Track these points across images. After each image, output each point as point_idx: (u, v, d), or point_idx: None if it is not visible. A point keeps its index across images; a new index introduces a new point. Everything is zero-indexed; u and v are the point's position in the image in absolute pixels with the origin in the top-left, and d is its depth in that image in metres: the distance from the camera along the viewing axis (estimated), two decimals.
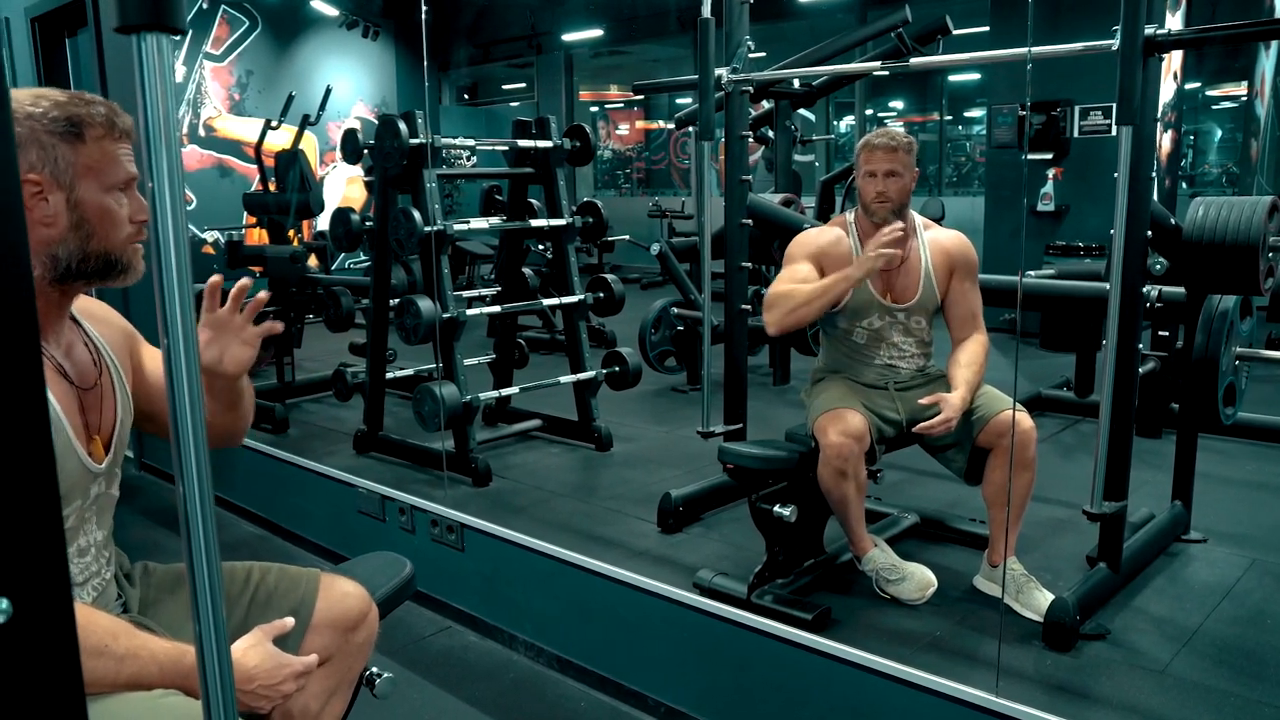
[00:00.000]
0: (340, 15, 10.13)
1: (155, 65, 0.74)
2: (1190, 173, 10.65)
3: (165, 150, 0.76)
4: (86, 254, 1.26)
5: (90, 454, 1.34)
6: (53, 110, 1.23)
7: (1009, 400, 2.62)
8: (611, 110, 14.38)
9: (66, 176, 1.23)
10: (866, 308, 2.75)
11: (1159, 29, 2.33)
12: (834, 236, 2.80)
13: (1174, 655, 2.37)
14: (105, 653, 1.18)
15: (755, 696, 2.37)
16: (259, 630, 1.35)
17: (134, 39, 0.73)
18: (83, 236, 1.26)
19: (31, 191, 1.21)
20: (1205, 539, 3.07)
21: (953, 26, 5.12)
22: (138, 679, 1.21)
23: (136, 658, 1.21)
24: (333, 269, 7.00)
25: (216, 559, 0.82)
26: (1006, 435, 2.54)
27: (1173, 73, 7.00)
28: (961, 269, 2.77)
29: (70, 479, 1.29)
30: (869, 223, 2.75)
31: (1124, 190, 2.36)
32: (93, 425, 1.36)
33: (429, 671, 2.76)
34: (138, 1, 0.73)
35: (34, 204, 1.22)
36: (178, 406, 0.79)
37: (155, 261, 0.78)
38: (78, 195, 1.25)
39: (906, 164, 2.70)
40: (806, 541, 2.77)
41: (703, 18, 3.07)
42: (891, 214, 2.71)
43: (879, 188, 2.70)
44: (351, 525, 3.43)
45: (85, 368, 1.37)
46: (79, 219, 1.25)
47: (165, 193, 0.77)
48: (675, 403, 5.12)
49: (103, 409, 1.38)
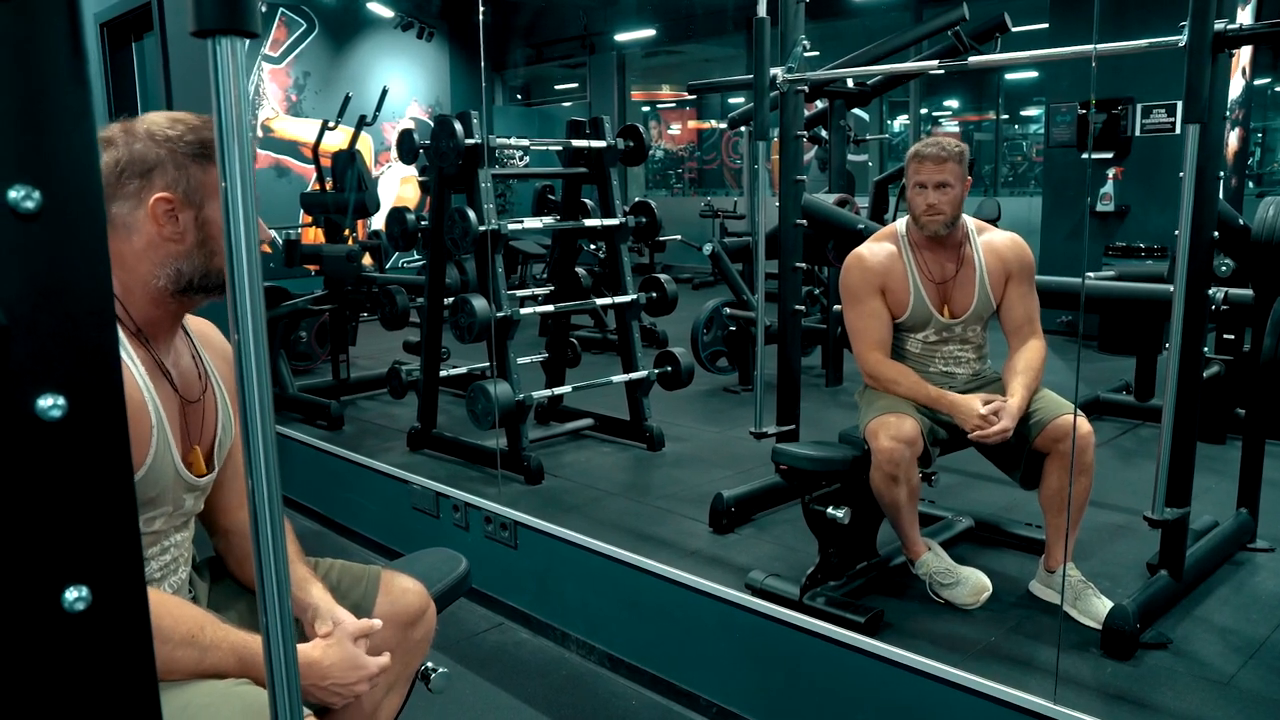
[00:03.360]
0: (396, 17, 10.26)
1: (230, 69, 0.75)
2: (1258, 171, 10.38)
3: (238, 152, 0.77)
4: (209, 270, 1.33)
5: (189, 465, 1.39)
6: (188, 134, 1.31)
7: (1067, 404, 2.58)
8: (663, 110, 14.38)
9: (197, 196, 1.30)
10: (923, 323, 2.72)
11: (1229, 24, 2.28)
12: (887, 255, 2.73)
13: (1240, 667, 2.31)
14: (193, 642, 1.23)
15: (807, 698, 2.36)
16: (341, 628, 1.39)
17: (209, 43, 0.75)
18: (207, 253, 1.32)
19: (164, 209, 1.29)
20: (1272, 548, 2.99)
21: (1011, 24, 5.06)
22: (218, 668, 1.26)
23: (219, 648, 1.25)
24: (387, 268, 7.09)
25: (284, 555, 0.84)
26: (1064, 440, 2.50)
27: (1241, 68, 6.84)
28: (1017, 273, 2.72)
29: (163, 484, 1.33)
30: (920, 234, 2.70)
31: (1190, 190, 2.31)
32: (193, 436, 1.40)
33: (482, 667, 2.79)
34: (213, 5, 0.74)
35: (165, 220, 1.29)
36: (248, 403, 0.81)
37: (229, 261, 0.80)
38: (205, 214, 1.31)
39: (958, 174, 2.63)
40: (860, 543, 2.75)
41: (758, 17, 3.06)
42: (944, 226, 2.65)
43: (930, 200, 2.63)
44: (406, 522, 3.47)
45: (191, 380, 1.42)
46: (204, 236, 1.32)
47: (238, 194, 0.79)
48: (727, 403, 5.11)
49: (204, 423, 1.43)
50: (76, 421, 0.63)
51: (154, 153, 1.28)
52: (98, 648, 0.66)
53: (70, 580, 0.64)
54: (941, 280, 2.69)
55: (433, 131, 3.93)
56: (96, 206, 0.65)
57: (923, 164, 2.63)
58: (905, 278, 2.70)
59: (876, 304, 2.70)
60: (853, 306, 2.74)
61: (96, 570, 0.66)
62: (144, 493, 1.30)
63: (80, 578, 0.65)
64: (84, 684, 0.66)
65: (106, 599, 0.66)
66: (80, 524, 0.65)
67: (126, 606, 0.68)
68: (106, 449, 0.65)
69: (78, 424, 0.63)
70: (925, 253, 2.71)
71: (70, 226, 0.61)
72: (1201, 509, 3.07)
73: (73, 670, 0.65)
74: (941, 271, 2.70)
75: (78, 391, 0.63)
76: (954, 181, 2.62)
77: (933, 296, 2.70)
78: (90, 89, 0.67)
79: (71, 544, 0.64)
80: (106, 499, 0.66)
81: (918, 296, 2.70)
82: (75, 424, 0.63)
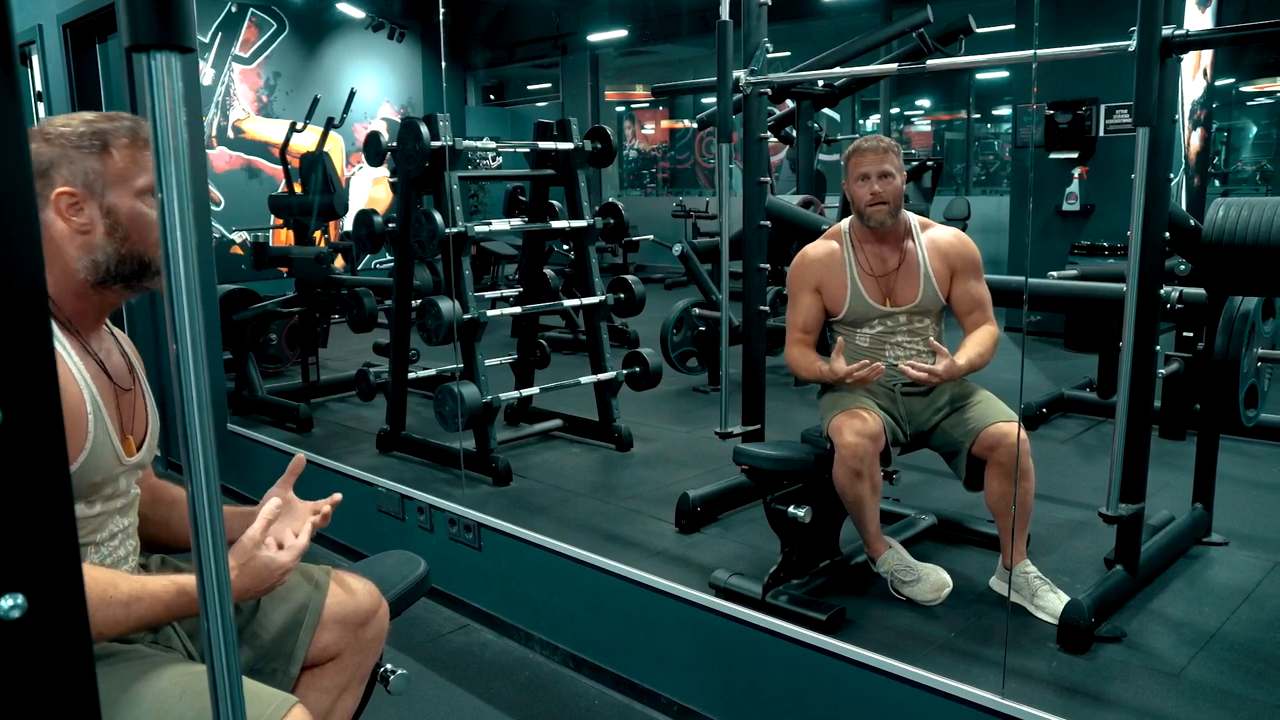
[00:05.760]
0: (367, 17, 10.22)
1: (165, 84, 0.76)
2: (1223, 170, 10.51)
3: (174, 166, 0.78)
4: (123, 256, 1.35)
5: (124, 449, 1.41)
6: (80, 127, 1.34)
7: (1005, 411, 2.64)
8: (637, 110, 14.39)
9: (98, 186, 1.33)
10: (864, 316, 2.77)
11: (1177, 30, 2.32)
12: (827, 252, 2.83)
13: (1190, 659, 2.36)
14: (110, 601, 1.23)
15: (767, 696, 2.38)
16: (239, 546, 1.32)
17: (144, 58, 0.76)
18: (118, 240, 1.35)
19: (68, 203, 1.32)
20: (1226, 542, 3.05)
21: (975, 25, 5.12)
22: (146, 619, 1.26)
23: (140, 600, 1.25)
24: (359, 269, 7.07)
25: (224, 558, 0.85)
26: (997, 448, 2.56)
27: (1203, 70, 6.94)
28: (962, 268, 2.77)
29: (106, 469, 1.35)
30: (864, 229, 2.77)
31: (1141, 191, 2.35)
32: (126, 425, 1.42)
33: (446, 668, 2.80)
34: (147, 21, 0.75)
35: (71, 213, 1.32)
36: (186, 410, 0.82)
37: (166, 270, 0.80)
38: (109, 202, 1.34)
39: (897, 165, 2.72)
40: (822, 542, 2.78)
41: (721, 19, 3.09)
42: (889, 216, 2.71)
43: (874, 188, 2.70)
44: (372, 524, 3.48)
45: (122, 372, 1.45)
46: (113, 224, 1.34)
47: (175, 204, 0.79)
48: (697, 403, 5.13)
49: (135, 413, 1.46)
50: (11, 432, 0.64)
51: (48, 151, 1.31)
52: (34, 654, 0.68)
53: (5, 589, 0.65)
54: (883, 274, 2.76)
55: (399, 134, 3.93)
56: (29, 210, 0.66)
57: (864, 156, 2.72)
58: (843, 273, 2.78)
59: (807, 299, 2.82)
60: (791, 298, 2.87)
61: (32, 578, 0.67)
62: (86, 478, 1.32)
63: (15, 586, 0.66)
64: (20, 690, 0.67)
65: (42, 606, 0.67)
66: (15, 533, 0.66)
67: (63, 613, 0.69)
68: (42, 458, 0.67)
69: (12, 434, 0.64)
70: (867, 247, 2.79)
71: None
72: (1160, 504, 3.13)
73: (8, 677, 0.66)
74: (883, 265, 2.77)
75: (12, 403, 0.64)
76: (895, 172, 2.71)
77: (873, 290, 2.76)
78: (21, 99, 0.68)
79: (6, 553, 0.65)
80: (42, 507, 0.67)
81: (855, 291, 2.76)
82: (10, 434, 0.64)
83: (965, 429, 2.64)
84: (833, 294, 2.79)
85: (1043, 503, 2.70)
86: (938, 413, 2.73)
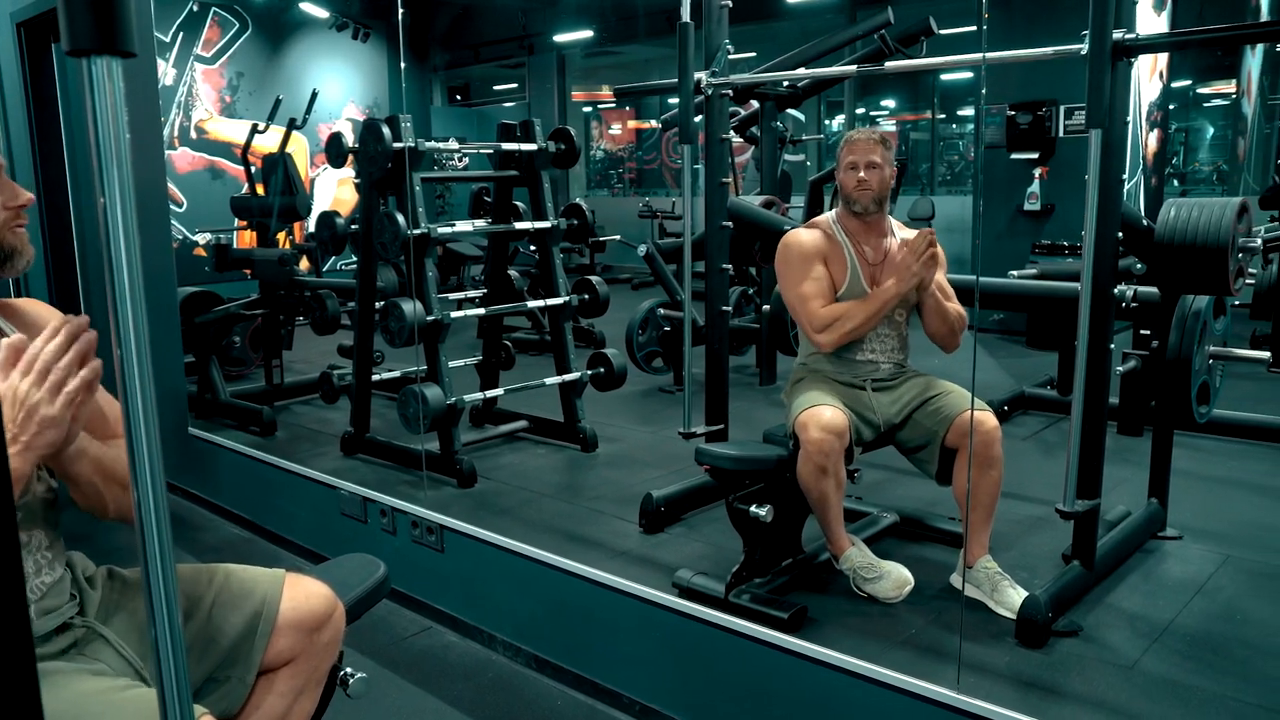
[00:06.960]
0: (330, 17, 10.15)
1: (106, 88, 0.76)
2: (1181, 170, 10.69)
3: (116, 173, 0.78)
4: None
5: None
6: None
7: (975, 401, 2.67)
8: (604, 110, 14.40)
9: None
10: (858, 298, 2.80)
11: (1127, 33, 2.36)
12: (823, 235, 2.85)
13: (1144, 651, 2.40)
14: None
15: (729, 695, 2.40)
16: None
17: (84, 62, 0.75)
18: None
19: None
20: (1180, 536, 3.10)
21: (937, 27, 5.17)
22: None
23: None
24: (325, 271, 7.02)
25: (171, 567, 0.85)
26: (970, 435, 2.58)
27: (1159, 72, 7.05)
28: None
29: None
30: (853, 218, 2.82)
31: (1094, 192, 2.40)
32: None
33: (409, 671, 2.79)
34: (87, 25, 0.75)
35: None
36: (132, 415, 0.82)
37: (109, 277, 0.80)
38: None
39: (886, 158, 2.78)
40: (784, 541, 2.80)
41: (682, 21, 3.10)
42: (873, 203, 2.78)
43: (861, 175, 2.76)
44: (335, 527, 3.46)
45: None
46: None
47: (117, 210, 0.79)
48: (662, 403, 5.15)
49: None
50: None
51: None
52: None
53: None
54: (874, 262, 2.82)
55: (361, 136, 3.91)
56: None
57: (855, 145, 2.79)
58: (844, 254, 2.82)
59: (820, 269, 2.80)
60: (795, 275, 2.80)
61: None
62: None
63: None
64: None
65: None
66: None
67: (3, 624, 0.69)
68: None
69: None
70: (859, 236, 2.84)
71: None
72: (1117, 499, 3.18)
73: None
74: (874, 253, 2.83)
75: None
76: (883, 163, 2.77)
77: (866, 276, 2.81)
78: None
79: None
80: None
81: (854, 272, 2.80)
82: None
83: (938, 418, 2.68)
84: (836, 269, 2.81)
85: (1003, 499, 2.73)
86: (908, 405, 2.76)
